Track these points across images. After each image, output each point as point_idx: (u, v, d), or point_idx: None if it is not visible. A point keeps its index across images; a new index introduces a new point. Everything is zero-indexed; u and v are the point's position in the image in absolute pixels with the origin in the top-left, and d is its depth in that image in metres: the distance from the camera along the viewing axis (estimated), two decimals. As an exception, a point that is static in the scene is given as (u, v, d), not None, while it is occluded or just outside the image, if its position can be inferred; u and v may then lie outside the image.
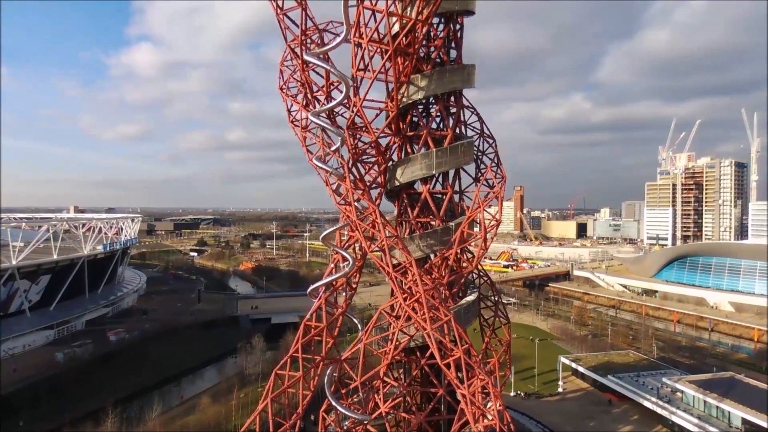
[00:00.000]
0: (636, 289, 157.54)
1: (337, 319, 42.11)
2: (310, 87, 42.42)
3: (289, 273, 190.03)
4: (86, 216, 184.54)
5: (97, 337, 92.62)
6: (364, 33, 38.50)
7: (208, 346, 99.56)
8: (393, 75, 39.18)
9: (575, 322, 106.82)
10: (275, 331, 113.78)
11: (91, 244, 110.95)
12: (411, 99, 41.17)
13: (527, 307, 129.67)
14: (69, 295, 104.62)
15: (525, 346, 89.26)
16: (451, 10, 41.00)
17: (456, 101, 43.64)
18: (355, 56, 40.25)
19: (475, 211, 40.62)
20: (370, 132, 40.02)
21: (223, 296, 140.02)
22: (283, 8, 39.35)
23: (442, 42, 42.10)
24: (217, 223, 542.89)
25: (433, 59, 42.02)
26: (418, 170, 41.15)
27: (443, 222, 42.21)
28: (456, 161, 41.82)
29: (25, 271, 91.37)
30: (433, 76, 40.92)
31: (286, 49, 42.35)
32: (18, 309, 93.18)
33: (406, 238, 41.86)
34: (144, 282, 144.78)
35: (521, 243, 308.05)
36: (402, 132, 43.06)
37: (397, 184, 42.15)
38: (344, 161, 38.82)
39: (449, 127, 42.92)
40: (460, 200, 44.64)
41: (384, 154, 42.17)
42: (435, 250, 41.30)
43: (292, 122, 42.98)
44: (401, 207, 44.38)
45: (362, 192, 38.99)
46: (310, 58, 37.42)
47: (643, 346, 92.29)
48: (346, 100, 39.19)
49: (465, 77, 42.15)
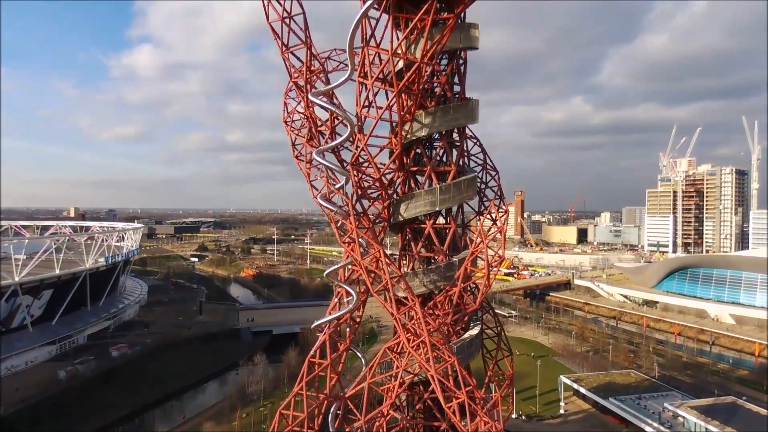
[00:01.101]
0: (637, 299, 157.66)
1: (341, 355, 42.23)
2: (315, 122, 42.61)
3: (290, 281, 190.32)
4: (87, 224, 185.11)
5: (99, 353, 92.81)
6: (369, 73, 38.65)
7: (209, 360, 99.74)
8: (397, 113, 39.32)
9: (576, 336, 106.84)
10: (277, 342, 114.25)
11: (93, 257, 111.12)
12: (415, 135, 41.30)
13: (528, 320, 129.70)
14: (71, 308, 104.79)
15: (526, 363, 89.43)
16: (455, 47, 41.17)
17: (459, 135, 43.81)
18: (360, 94, 40.41)
19: (478, 248, 40.78)
20: (376, 170, 40.17)
21: (224, 307, 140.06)
22: (288, 47, 39.60)
23: (446, 79, 42.25)
24: (217, 226, 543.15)
25: (437, 95, 42.17)
26: (422, 206, 41.26)
27: (447, 257, 42.36)
28: (459, 197, 41.93)
29: (28, 286, 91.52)
30: (437, 113, 41.05)
31: (290, 83, 42.62)
32: (20, 324, 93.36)
33: (410, 273, 42.00)
34: (145, 292, 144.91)
35: (522, 249, 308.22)
36: (406, 167, 43.20)
37: (401, 219, 42.29)
38: (348, 199, 38.98)
39: (453, 161, 43.06)
40: (463, 234, 44.79)
41: (388, 190, 42.31)
42: (439, 286, 41.44)
43: (297, 157, 43.23)
44: (405, 240, 44.51)
45: (366, 230, 39.14)
46: (315, 99, 37.61)
47: (645, 363, 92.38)
48: (351, 138, 39.39)
49: (468, 113, 42.30)
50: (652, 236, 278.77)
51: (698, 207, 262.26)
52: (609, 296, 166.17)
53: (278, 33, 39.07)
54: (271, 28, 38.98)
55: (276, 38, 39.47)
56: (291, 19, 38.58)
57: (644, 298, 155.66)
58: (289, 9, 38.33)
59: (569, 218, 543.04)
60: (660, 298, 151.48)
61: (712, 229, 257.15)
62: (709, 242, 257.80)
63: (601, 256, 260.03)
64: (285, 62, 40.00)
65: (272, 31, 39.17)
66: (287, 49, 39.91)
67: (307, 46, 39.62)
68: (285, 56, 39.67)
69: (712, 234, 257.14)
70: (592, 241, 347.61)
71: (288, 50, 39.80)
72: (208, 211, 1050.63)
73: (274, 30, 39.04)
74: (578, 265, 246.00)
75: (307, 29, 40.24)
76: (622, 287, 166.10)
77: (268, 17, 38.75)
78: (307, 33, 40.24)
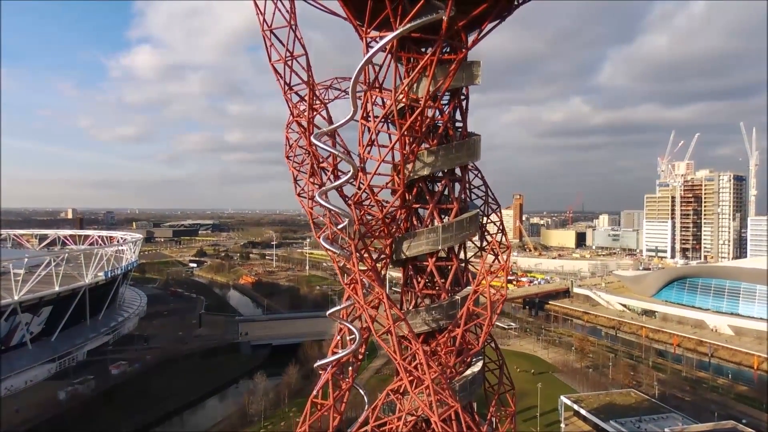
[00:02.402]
0: (636, 309, 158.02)
1: (344, 394, 42.20)
2: (317, 158, 42.57)
3: (290, 290, 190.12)
4: (86, 232, 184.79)
5: (98, 371, 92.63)
6: (371, 116, 38.65)
7: (209, 376, 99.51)
8: (400, 154, 39.33)
9: (576, 350, 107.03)
10: (277, 354, 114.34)
11: (93, 271, 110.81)
12: (417, 174, 41.30)
13: (528, 332, 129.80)
14: (70, 323, 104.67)
15: (526, 380, 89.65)
16: (457, 86, 41.16)
17: (462, 171, 43.81)
18: (362, 134, 40.42)
19: (481, 287, 40.83)
20: (378, 210, 40.16)
21: (224, 318, 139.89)
22: (291, 86, 39.59)
23: (449, 116, 42.25)
24: (216, 228, 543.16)
25: (440, 133, 42.17)
26: (424, 245, 41.21)
27: (449, 294, 42.36)
28: (461, 235, 41.91)
29: (27, 304, 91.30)
30: (440, 152, 41.06)
31: (290, 117, 42.56)
32: (20, 342, 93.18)
33: (412, 311, 41.99)
34: (144, 303, 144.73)
35: (520, 254, 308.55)
36: (408, 203, 43.21)
37: (403, 257, 42.28)
38: (351, 240, 38.95)
39: (455, 198, 43.08)
40: (465, 270, 44.77)
41: (390, 228, 42.30)
42: (441, 324, 41.44)
43: (299, 195, 43.20)
44: (407, 276, 44.53)
45: (368, 271, 39.16)
46: (317, 142, 37.59)
47: (645, 379, 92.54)
48: (353, 177, 39.37)
49: (471, 151, 42.29)
50: (651, 241, 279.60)
51: (696, 212, 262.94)
52: (608, 305, 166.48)
53: (281, 73, 39.13)
54: (274, 69, 38.93)
55: (278, 79, 39.40)
56: (294, 59, 38.64)
57: (643, 308, 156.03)
58: (291, 49, 38.42)
59: (567, 220, 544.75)
60: (659, 307, 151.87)
61: (710, 235, 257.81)
62: (708, 248, 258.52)
63: (600, 261, 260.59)
64: (287, 102, 39.92)
65: (275, 72, 39.10)
66: (290, 89, 39.93)
67: (309, 86, 39.62)
68: (288, 96, 39.65)
69: (710, 240, 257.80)
70: (590, 245, 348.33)
71: (291, 90, 39.84)
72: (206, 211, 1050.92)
73: (276, 71, 39.02)
74: (577, 271, 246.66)
75: (310, 69, 40.30)
76: (621, 296, 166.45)
77: (271, 58, 38.76)
78: (309, 73, 40.25)
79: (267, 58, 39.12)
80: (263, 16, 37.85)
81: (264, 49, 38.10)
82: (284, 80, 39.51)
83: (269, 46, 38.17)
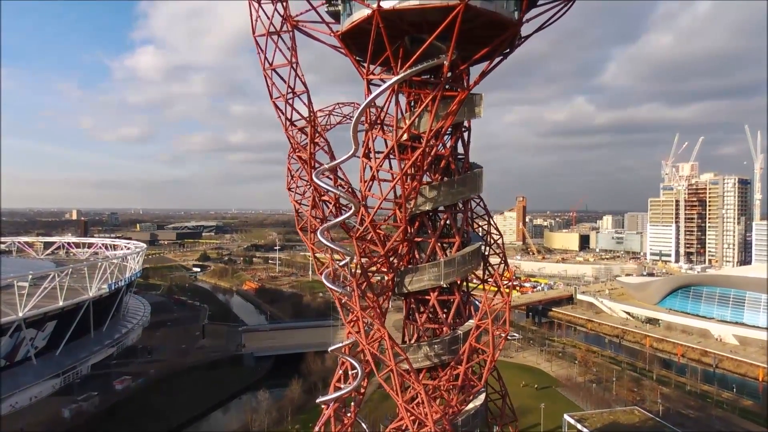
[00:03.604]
0: (640, 317, 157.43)
1: (346, 430, 42.11)
2: (319, 191, 42.49)
3: (292, 296, 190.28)
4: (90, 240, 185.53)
5: (102, 386, 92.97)
6: (372, 153, 38.56)
7: (212, 390, 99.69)
8: (402, 190, 39.19)
9: (580, 363, 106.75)
10: (280, 364, 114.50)
11: (97, 284, 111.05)
12: (419, 209, 41.20)
13: (531, 342, 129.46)
14: (75, 336, 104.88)
15: (530, 396, 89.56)
16: (459, 121, 41.00)
17: (464, 204, 43.65)
18: (363, 170, 40.31)
19: (483, 323, 40.71)
20: (380, 246, 40.05)
21: (227, 328, 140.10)
22: (293, 122, 39.56)
23: (450, 150, 42.09)
24: (219, 230, 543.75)
25: (442, 167, 42.02)
26: (426, 281, 41.09)
27: (451, 328, 42.24)
28: (464, 269, 41.79)
29: (32, 320, 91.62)
30: (442, 187, 40.94)
31: (290, 150, 42.50)
32: (24, 357, 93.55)
33: (414, 346, 41.91)
34: (148, 312, 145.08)
35: (524, 257, 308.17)
36: (410, 237, 43.08)
37: (405, 290, 42.18)
38: (354, 278, 38.87)
39: (456, 232, 42.92)
40: (468, 302, 44.63)
41: (393, 262, 42.19)
42: (443, 360, 41.33)
43: (301, 229, 43.22)
44: (408, 308, 44.44)
45: (370, 309, 39.11)
46: (319, 182, 37.48)
47: (649, 395, 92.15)
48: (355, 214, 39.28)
49: (473, 185, 42.12)
50: (655, 245, 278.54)
51: (701, 216, 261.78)
52: (612, 313, 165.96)
53: (282, 110, 39.12)
54: (275, 105, 38.90)
55: (279, 115, 39.37)
56: (295, 96, 38.65)
57: (647, 316, 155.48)
58: (293, 86, 38.42)
59: (571, 220, 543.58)
60: (663, 316, 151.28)
61: (714, 239, 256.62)
62: (712, 252, 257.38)
63: (603, 265, 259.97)
64: (290, 140, 39.86)
65: (276, 109, 39.12)
66: (291, 124, 39.87)
67: (311, 123, 39.54)
68: (289, 134, 39.56)
69: (714, 244, 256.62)
70: (594, 248, 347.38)
71: (292, 125, 39.77)
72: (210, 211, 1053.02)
73: (277, 107, 39.02)
74: (581, 276, 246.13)
75: (311, 104, 40.23)
76: (625, 303, 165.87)
77: (272, 96, 38.71)
78: (310, 108, 40.20)
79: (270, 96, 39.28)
80: (264, 54, 37.80)
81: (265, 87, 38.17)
82: (285, 116, 39.55)
83: (271, 85, 38.09)
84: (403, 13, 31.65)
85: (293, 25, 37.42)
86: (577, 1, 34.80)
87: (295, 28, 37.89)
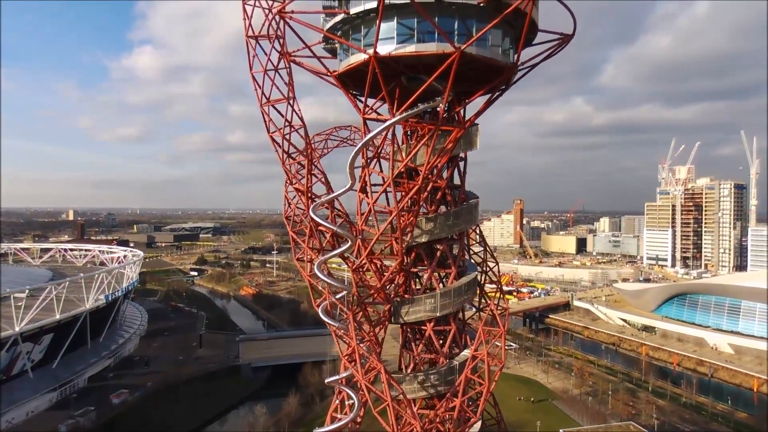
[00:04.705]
0: (636, 324, 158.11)
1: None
2: (316, 222, 42.66)
3: (290, 303, 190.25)
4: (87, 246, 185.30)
5: (99, 400, 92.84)
6: (369, 188, 38.77)
7: (210, 402, 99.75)
8: (398, 223, 39.42)
9: (576, 375, 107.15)
10: (277, 375, 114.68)
11: (94, 295, 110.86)
12: (416, 242, 41.40)
13: (529, 351, 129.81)
14: (71, 348, 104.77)
15: (526, 410, 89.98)
16: (456, 154, 41.22)
17: (459, 235, 43.86)
18: (360, 203, 40.51)
19: (479, 353, 41.01)
20: (377, 280, 40.28)
21: (224, 337, 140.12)
22: (290, 154, 39.76)
23: (446, 182, 42.30)
24: (217, 232, 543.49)
25: (438, 200, 42.23)
26: (422, 312, 41.29)
27: (447, 359, 42.50)
28: (460, 300, 41.98)
29: (28, 334, 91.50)
30: (438, 220, 41.15)
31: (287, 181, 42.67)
32: (21, 370, 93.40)
33: (410, 376, 42.15)
34: (145, 320, 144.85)
35: (521, 261, 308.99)
36: (406, 267, 43.30)
37: (401, 321, 42.40)
38: (350, 312, 39.10)
39: (453, 262, 43.15)
40: (464, 332, 44.88)
41: (389, 293, 42.42)
42: (439, 390, 41.58)
43: (298, 259, 43.39)
44: (405, 338, 44.67)
45: (367, 341, 39.36)
46: (315, 217, 37.70)
47: (645, 408, 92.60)
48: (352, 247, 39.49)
49: (469, 217, 42.34)
50: (651, 249, 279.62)
51: (697, 221, 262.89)
52: (608, 320, 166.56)
53: (279, 143, 39.38)
54: (272, 139, 39.19)
55: (276, 149, 39.59)
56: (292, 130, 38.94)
57: (643, 323, 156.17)
58: (290, 120, 38.64)
59: (569, 221, 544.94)
60: (659, 324, 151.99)
61: (711, 244, 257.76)
62: (708, 257, 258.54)
63: (600, 270, 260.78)
64: (287, 173, 40.03)
65: (273, 143, 39.39)
66: (288, 157, 40.10)
67: (308, 157, 39.77)
68: (286, 167, 39.78)
69: (711, 248, 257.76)
70: (591, 251, 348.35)
71: (289, 158, 40.01)
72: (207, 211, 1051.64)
73: (274, 141, 39.29)
74: (577, 280, 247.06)
75: (308, 137, 40.50)
76: (622, 311, 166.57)
77: (269, 130, 38.94)
78: (307, 140, 40.46)
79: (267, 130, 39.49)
80: (261, 89, 38.06)
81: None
82: (282, 149, 39.80)
83: (268, 121, 38.40)
84: (399, 57, 31.87)
85: (290, 61, 37.66)
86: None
87: (292, 63, 38.16)
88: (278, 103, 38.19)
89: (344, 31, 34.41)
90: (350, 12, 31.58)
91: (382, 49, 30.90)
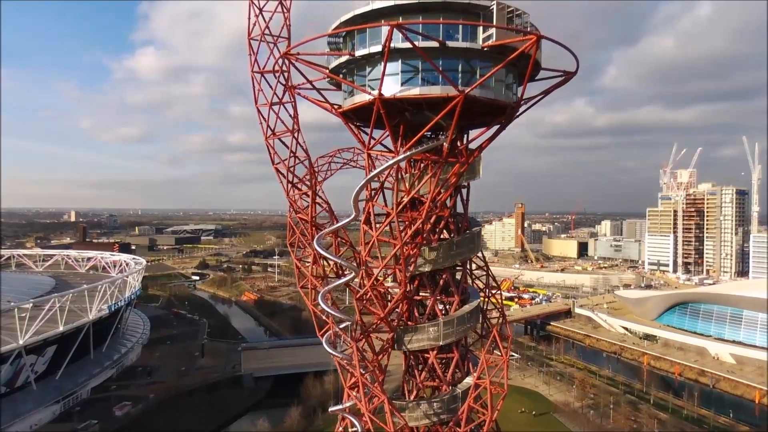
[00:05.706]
0: (637, 332, 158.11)
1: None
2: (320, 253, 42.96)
3: (292, 309, 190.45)
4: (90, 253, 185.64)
5: (102, 412, 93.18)
6: (373, 222, 39.05)
7: (212, 413, 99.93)
8: (401, 254, 39.67)
9: (577, 387, 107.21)
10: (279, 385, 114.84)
11: (97, 305, 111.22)
12: (419, 271, 41.67)
13: (530, 362, 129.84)
14: (75, 358, 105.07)
15: (527, 423, 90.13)
16: (458, 184, 41.48)
17: (462, 264, 44.11)
18: (364, 234, 40.81)
19: (482, 381, 41.29)
20: (381, 309, 40.55)
21: (226, 346, 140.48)
22: (294, 184, 40.12)
23: (449, 212, 42.56)
24: (218, 234, 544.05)
25: (440, 229, 42.49)
26: (425, 341, 41.58)
27: (449, 386, 42.75)
28: (463, 329, 42.24)
29: (32, 346, 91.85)
30: (441, 249, 41.42)
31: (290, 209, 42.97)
32: (24, 382, 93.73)
33: (413, 403, 42.41)
34: (147, 328, 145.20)
35: (522, 265, 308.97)
36: (409, 295, 43.57)
37: (405, 349, 42.66)
38: (353, 342, 39.39)
39: (456, 290, 43.40)
40: (467, 359, 45.14)
41: (392, 322, 42.69)
42: (442, 419, 41.83)
43: (302, 287, 43.74)
44: (408, 365, 44.93)
45: (370, 370, 39.69)
46: (320, 249, 37.98)
47: (646, 422, 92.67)
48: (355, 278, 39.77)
49: (472, 246, 42.63)
50: (653, 255, 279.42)
51: (699, 226, 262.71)
52: (609, 328, 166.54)
53: (283, 174, 39.72)
54: (277, 171, 39.58)
55: (281, 180, 39.96)
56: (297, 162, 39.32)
57: (645, 332, 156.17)
58: (294, 151, 39.03)
59: (570, 223, 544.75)
60: (660, 333, 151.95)
61: (712, 249, 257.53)
62: (710, 262, 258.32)
63: (602, 275, 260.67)
64: (292, 204, 40.36)
65: (277, 173, 39.75)
66: (292, 186, 40.45)
67: (312, 188, 40.14)
68: (291, 198, 40.12)
69: (712, 254, 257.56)
70: (592, 256, 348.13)
71: (294, 188, 40.35)
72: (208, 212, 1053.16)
73: (279, 172, 39.64)
74: (579, 286, 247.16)
75: (312, 169, 40.87)
76: (623, 318, 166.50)
77: (273, 162, 39.36)
78: (311, 171, 40.83)
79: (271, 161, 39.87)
80: (267, 122, 38.46)
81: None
82: (287, 179, 40.15)
83: (273, 153, 38.79)
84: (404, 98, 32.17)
85: (295, 94, 38.01)
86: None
87: (297, 95, 38.51)
88: (283, 135, 38.61)
89: (349, 69, 34.72)
90: (355, 54, 31.86)
91: (386, 90, 31.18)
